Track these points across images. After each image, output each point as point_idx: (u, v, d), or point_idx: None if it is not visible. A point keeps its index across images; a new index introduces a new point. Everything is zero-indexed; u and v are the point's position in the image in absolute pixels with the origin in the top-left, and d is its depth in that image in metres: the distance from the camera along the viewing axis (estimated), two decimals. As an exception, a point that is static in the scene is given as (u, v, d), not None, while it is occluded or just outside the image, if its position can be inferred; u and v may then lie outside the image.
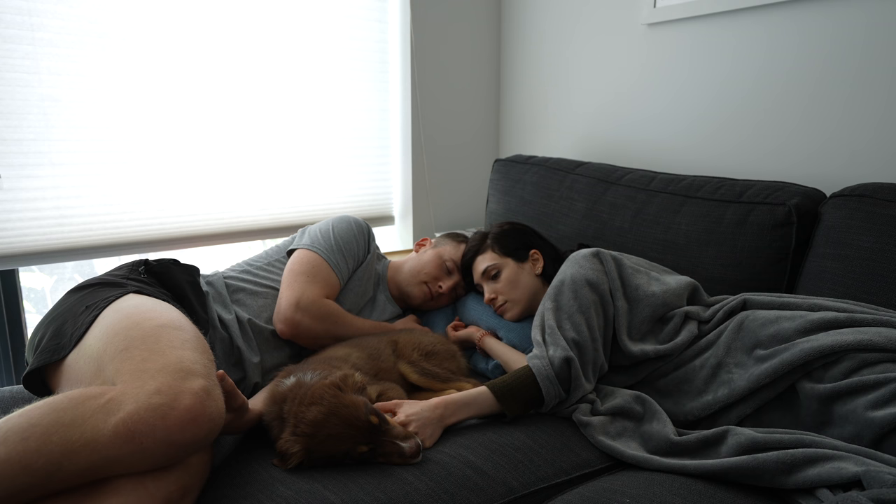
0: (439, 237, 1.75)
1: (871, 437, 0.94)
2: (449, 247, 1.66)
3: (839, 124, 1.52)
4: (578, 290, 1.27)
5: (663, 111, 1.93)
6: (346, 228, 1.56)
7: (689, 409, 1.19)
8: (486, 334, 1.49)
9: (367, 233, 1.61)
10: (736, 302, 1.26)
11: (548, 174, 1.95)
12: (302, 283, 1.41)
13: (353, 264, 1.55)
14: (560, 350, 1.19)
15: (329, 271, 1.47)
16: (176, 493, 0.87)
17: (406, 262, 1.68)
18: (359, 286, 1.57)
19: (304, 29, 2.07)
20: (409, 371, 1.30)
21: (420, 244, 1.75)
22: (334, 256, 1.49)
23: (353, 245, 1.55)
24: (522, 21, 2.42)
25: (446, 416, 1.14)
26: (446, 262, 1.62)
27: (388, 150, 2.39)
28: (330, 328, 1.41)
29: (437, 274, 1.61)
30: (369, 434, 0.99)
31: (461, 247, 1.66)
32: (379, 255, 1.71)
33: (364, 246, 1.59)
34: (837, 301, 1.17)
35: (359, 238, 1.57)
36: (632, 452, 1.09)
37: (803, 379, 1.06)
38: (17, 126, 1.65)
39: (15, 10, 1.60)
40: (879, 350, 1.01)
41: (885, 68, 1.42)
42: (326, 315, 1.41)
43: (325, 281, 1.45)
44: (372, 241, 1.63)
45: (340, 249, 1.51)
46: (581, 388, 1.20)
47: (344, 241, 1.53)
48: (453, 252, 1.64)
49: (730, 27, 1.72)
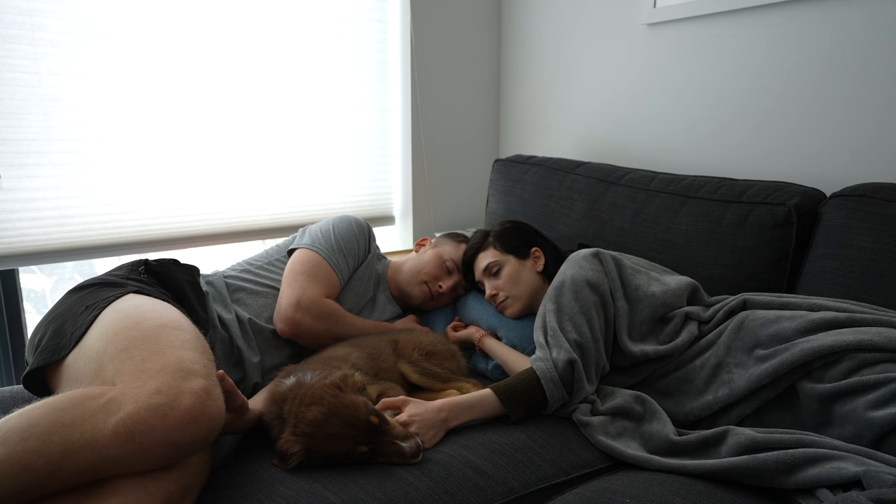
0: (439, 237, 1.74)
1: (871, 437, 0.94)
2: (449, 247, 1.65)
3: (839, 124, 1.52)
4: (579, 291, 1.27)
5: (663, 111, 1.93)
6: (347, 228, 1.56)
7: (690, 409, 1.19)
8: (485, 335, 1.50)
9: (368, 233, 1.61)
10: (736, 302, 1.26)
11: (548, 174, 1.95)
12: (303, 283, 1.41)
13: (354, 264, 1.55)
14: (563, 352, 1.19)
15: (329, 271, 1.46)
16: (176, 493, 0.87)
17: (406, 262, 1.67)
18: (359, 286, 1.56)
19: (304, 29, 2.07)
20: (410, 371, 1.30)
21: (420, 244, 1.74)
22: (335, 256, 1.49)
23: (353, 245, 1.55)
24: (522, 21, 2.42)
25: (450, 418, 1.14)
26: (446, 261, 1.61)
27: (388, 150, 2.39)
28: (331, 327, 1.41)
29: (437, 274, 1.61)
30: (369, 434, 0.99)
31: (461, 247, 1.65)
32: (379, 255, 1.71)
33: (364, 246, 1.59)
34: (838, 301, 1.17)
35: (359, 238, 1.57)
36: (632, 452, 1.09)
37: (803, 379, 1.06)
38: (17, 126, 1.65)
39: (15, 10, 1.60)
40: (879, 350, 1.01)
41: (886, 68, 1.42)
42: (327, 314, 1.41)
43: (325, 280, 1.45)
44: (372, 240, 1.63)
45: (341, 249, 1.51)
46: (583, 389, 1.20)
47: (345, 240, 1.53)
48: (453, 252, 1.64)
49: (730, 27, 1.72)
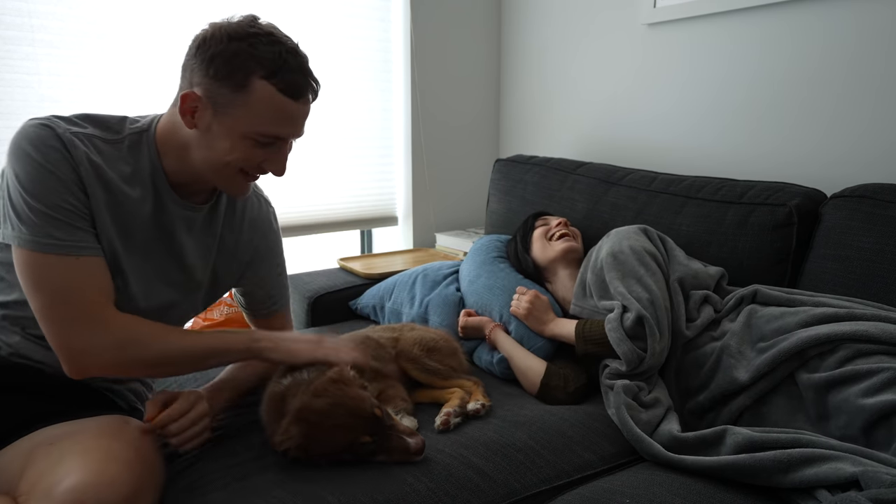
0: (199, 78, 0.96)
1: (862, 424, 0.96)
2: (238, 110, 0.96)
3: (839, 125, 1.52)
4: (643, 258, 1.33)
5: (664, 111, 1.93)
6: (29, 167, 0.92)
7: (695, 396, 1.23)
8: (497, 325, 1.51)
9: (59, 141, 0.93)
10: (747, 291, 1.29)
11: (549, 174, 1.94)
12: (60, 322, 0.93)
13: (75, 199, 0.93)
14: (633, 311, 1.23)
15: (58, 263, 0.91)
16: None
17: (188, 144, 1.01)
18: (108, 216, 0.98)
19: (306, 28, 2.07)
20: (411, 367, 1.30)
21: (187, 108, 0.97)
22: (48, 232, 0.91)
23: (48, 184, 0.91)
24: (523, 21, 2.42)
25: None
26: (255, 138, 0.99)
27: (391, 150, 2.39)
28: (140, 353, 0.97)
29: (249, 159, 1.01)
30: (374, 426, 1.00)
31: (254, 94, 0.95)
32: (133, 136, 1.03)
33: (68, 166, 0.93)
34: (843, 299, 1.19)
35: (54, 164, 0.92)
36: (638, 431, 1.11)
37: (801, 369, 1.08)
38: (17, 126, 1.65)
39: (15, 10, 1.60)
40: (875, 341, 1.02)
41: (886, 68, 1.42)
42: (120, 344, 0.95)
43: (75, 287, 0.93)
44: (75, 148, 0.94)
45: (40, 211, 0.91)
46: (658, 341, 1.22)
47: (34, 193, 0.91)
48: (254, 116, 0.97)
49: (730, 27, 1.71)
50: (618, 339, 1.22)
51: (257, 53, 0.95)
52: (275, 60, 0.96)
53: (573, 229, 1.62)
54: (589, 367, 1.36)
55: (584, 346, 1.31)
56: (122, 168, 1.00)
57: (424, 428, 1.15)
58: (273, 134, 1.01)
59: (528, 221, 1.67)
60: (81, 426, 0.93)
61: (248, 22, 0.97)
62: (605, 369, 1.28)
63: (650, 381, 1.26)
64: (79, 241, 0.93)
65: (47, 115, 0.99)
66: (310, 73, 1.03)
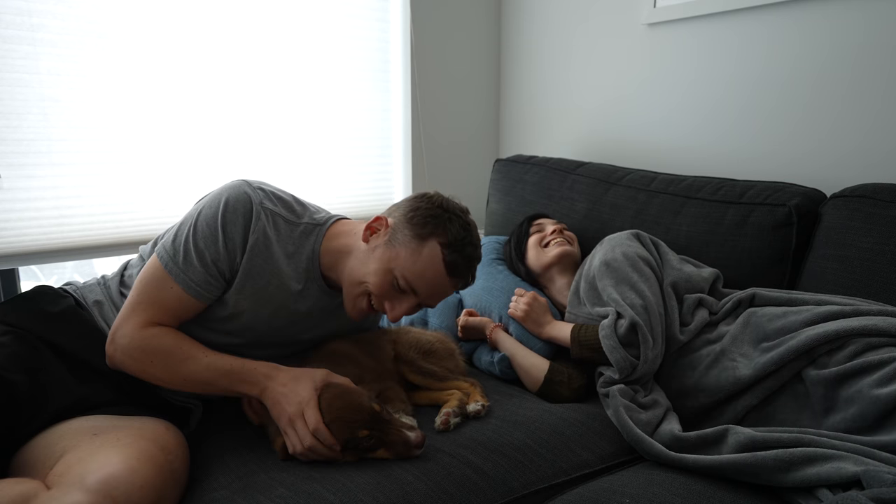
0: (399, 215, 1.20)
1: (876, 414, 0.96)
2: (405, 251, 1.14)
3: (839, 125, 1.52)
4: (636, 264, 1.33)
5: (664, 111, 1.93)
6: (212, 216, 1.13)
7: (693, 396, 1.22)
8: (498, 326, 1.51)
9: (248, 208, 1.14)
10: (745, 295, 1.29)
11: (548, 174, 1.95)
12: (129, 308, 1.11)
13: (226, 262, 1.13)
14: (627, 318, 1.23)
15: (171, 287, 1.11)
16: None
17: (351, 251, 1.20)
18: (255, 281, 1.16)
19: (305, 28, 2.07)
20: (407, 370, 1.31)
21: (372, 226, 1.20)
22: (181, 264, 1.11)
23: (216, 238, 1.12)
24: (522, 21, 2.42)
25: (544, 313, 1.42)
26: (397, 279, 1.14)
27: (390, 150, 2.38)
28: (147, 369, 1.09)
29: (381, 292, 1.16)
30: (373, 420, 1.00)
31: (424, 254, 1.14)
32: (308, 227, 1.23)
33: (241, 229, 1.13)
34: (844, 298, 1.19)
35: (230, 223, 1.13)
36: (638, 431, 1.10)
37: (809, 367, 1.08)
38: (17, 126, 1.65)
39: (15, 10, 1.60)
40: (884, 335, 1.03)
41: (886, 68, 1.42)
42: (145, 352, 1.08)
43: (161, 303, 1.11)
44: (258, 220, 1.14)
45: (197, 251, 1.12)
46: (650, 349, 1.22)
47: (203, 236, 1.12)
48: (410, 265, 1.14)
49: (730, 27, 1.72)
50: (611, 347, 1.22)
51: (449, 227, 1.15)
52: (457, 240, 1.15)
53: (569, 234, 1.62)
54: (588, 368, 1.36)
55: (579, 350, 1.31)
56: (288, 247, 1.19)
57: (423, 428, 1.15)
58: (412, 286, 1.15)
59: (524, 226, 1.66)
60: (127, 423, 1.02)
61: (460, 207, 1.22)
62: (600, 377, 1.28)
63: (646, 385, 1.26)
64: (199, 284, 1.12)
65: (259, 183, 1.20)
66: (472, 270, 1.21)
